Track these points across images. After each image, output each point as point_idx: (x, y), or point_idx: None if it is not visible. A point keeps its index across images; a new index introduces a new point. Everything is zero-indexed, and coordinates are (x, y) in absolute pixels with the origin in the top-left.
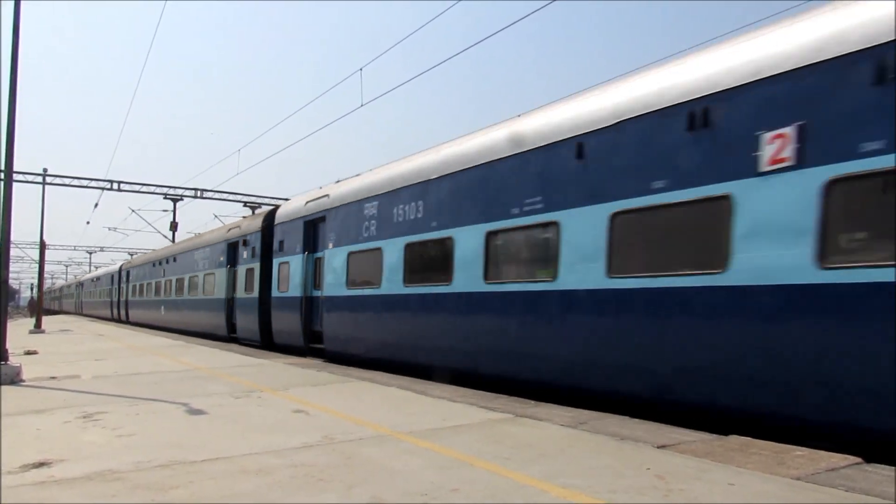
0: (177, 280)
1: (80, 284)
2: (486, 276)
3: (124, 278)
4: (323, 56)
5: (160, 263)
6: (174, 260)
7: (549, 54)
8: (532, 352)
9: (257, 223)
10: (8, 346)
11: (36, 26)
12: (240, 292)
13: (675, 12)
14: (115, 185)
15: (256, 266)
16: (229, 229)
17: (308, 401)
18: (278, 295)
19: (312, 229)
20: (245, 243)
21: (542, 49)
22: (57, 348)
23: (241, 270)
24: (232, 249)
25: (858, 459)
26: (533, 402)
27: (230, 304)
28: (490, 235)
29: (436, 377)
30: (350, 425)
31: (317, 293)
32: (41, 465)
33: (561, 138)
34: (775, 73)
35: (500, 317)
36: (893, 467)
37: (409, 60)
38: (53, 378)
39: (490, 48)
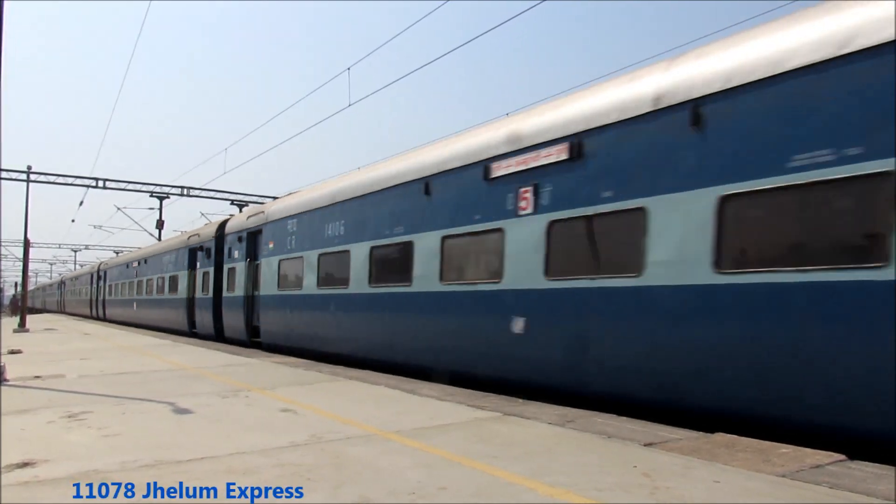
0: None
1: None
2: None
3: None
4: (311, 56)
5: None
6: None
7: (543, 52)
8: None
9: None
10: None
11: (18, 21)
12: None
13: (658, 12)
14: (101, 183)
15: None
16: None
17: (296, 400)
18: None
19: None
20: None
21: (536, 47)
22: (42, 347)
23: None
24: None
25: (842, 457)
26: (521, 400)
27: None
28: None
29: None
30: (338, 424)
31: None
32: (25, 465)
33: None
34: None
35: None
36: (877, 465)
37: (397, 60)
38: (38, 377)
39: (482, 47)
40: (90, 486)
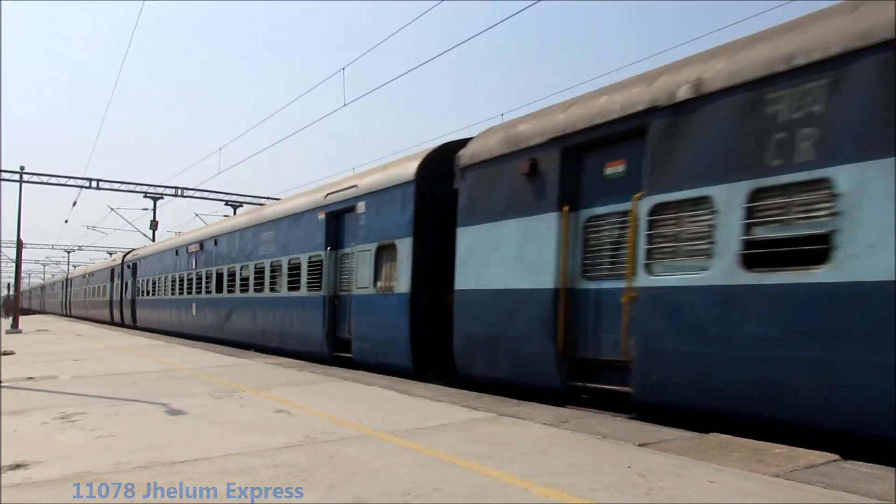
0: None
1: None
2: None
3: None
4: (305, 55)
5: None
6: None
7: (538, 52)
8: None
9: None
10: None
11: (10, 20)
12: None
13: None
14: (94, 184)
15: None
16: (329, 193)
17: (290, 400)
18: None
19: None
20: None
21: (532, 46)
22: (35, 348)
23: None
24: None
25: (836, 456)
26: (515, 401)
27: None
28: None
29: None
30: (332, 425)
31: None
32: (18, 466)
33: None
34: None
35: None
36: (870, 465)
37: (393, 60)
38: (31, 378)
39: (480, 47)
40: (90, 486)
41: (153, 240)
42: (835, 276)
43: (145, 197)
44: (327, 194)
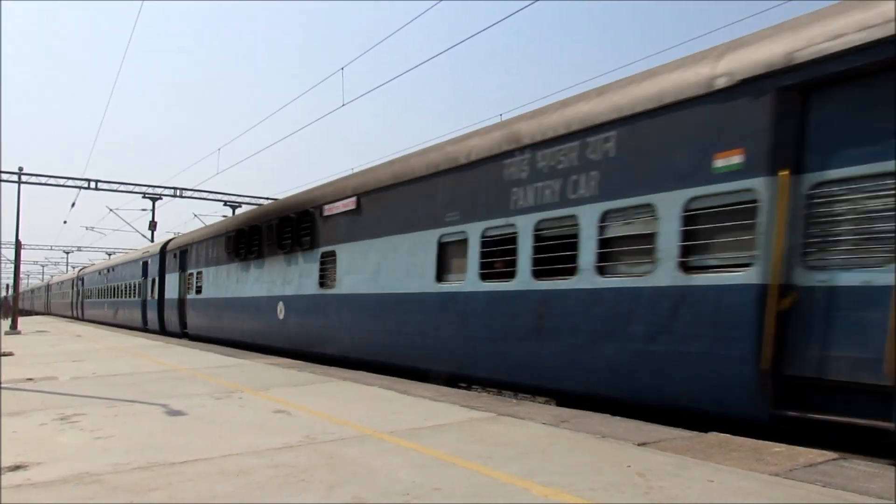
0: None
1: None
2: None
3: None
4: (304, 55)
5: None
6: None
7: (537, 51)
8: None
9: (156, 249)
10: None
11: (9, 21)
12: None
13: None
14: (93, 184)
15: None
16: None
17: (289, 401)
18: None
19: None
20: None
21: (530, 46)
22: (34, 349)
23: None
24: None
25: (836, 455)
26: (515, 400)
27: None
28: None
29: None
30: (331, 425)
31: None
32: (18, 468)
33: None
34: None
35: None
36: (869, 463)
37: (392, 60)
38: (30, 380)
39: (477, 47)
40: (89, 486)
41: (152, 240)
42: None
43: (144, 197)
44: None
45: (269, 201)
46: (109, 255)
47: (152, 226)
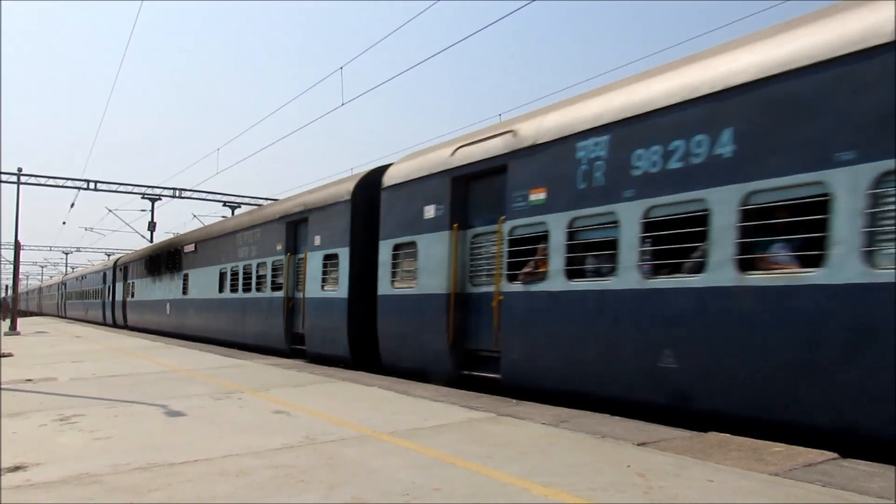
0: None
1: (63, 284)
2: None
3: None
4: (303, 55)
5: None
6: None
7: (536, 50)
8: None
9: (111, 264)
10: None
11: (10, 21)
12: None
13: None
14: (92, 185)
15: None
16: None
17: (289, 401)
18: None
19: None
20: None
21: (530, 45)
22: (33, 350)
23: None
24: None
25: (835, 455)
26: (514, 401)
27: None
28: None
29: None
30: (331, 426)
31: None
32: (17, 468)
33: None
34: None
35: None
36: (869, 463)
37: (391, 59)
38: (29, 381)
39: (476, 47)
40: (89, 487)
41: (151, 241)
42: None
43: (143, 198)
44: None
45: (269, 202)
46: (109, 255)
47: (151, 226)
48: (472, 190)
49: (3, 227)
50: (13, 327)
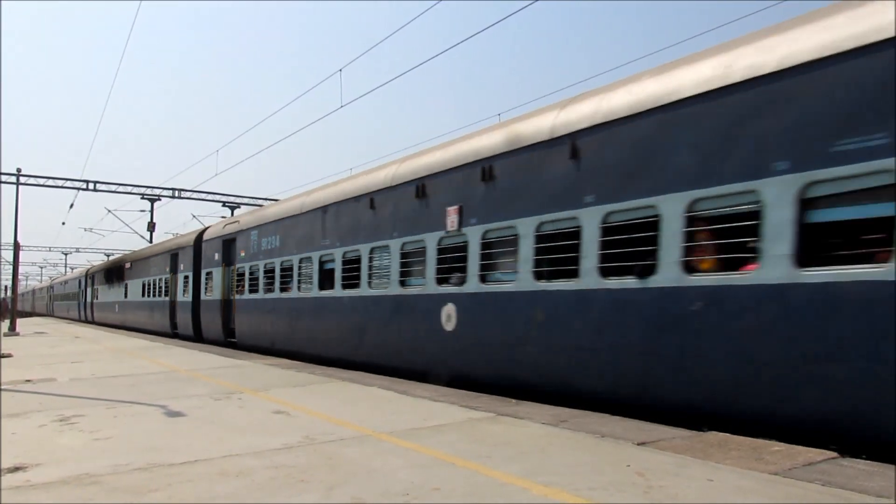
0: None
1: (51, 288)
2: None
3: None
4: (303, 57)
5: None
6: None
7: (536, 52)
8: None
9: (83, 271)
10: None
11: (7, 21)
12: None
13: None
14: (91, 186)
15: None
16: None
17: (288, 401)
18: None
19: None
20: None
21: (530, 46)
22: (32, 351)
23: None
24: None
25: (835, 454)
26: (514, 400)
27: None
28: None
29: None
30: (331, 426)
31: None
32: (17, 469)
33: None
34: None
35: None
36: (868, 462)
37: (391, 62)
38: (29, 381)
39: (475, 47)
40: (88, 487)
41: (150, 241)
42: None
43: (143, 198)
44: None
45: (269, 202)
46: (108, 255)
47: (151, 227)
48: (231, 246)
49: (3, 227)
50: (12, 328)
